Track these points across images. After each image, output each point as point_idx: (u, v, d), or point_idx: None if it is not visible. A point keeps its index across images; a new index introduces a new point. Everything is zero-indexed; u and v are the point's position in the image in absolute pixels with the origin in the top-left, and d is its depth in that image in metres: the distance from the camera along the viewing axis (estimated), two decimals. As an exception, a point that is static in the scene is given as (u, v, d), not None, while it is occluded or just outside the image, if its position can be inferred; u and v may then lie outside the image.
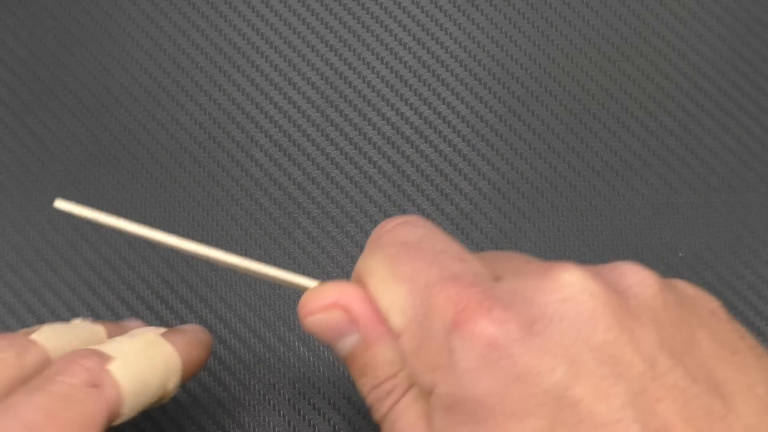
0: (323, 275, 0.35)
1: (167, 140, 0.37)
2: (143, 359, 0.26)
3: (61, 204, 0.25)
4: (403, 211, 0.36)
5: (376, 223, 0.36)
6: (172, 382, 0.27)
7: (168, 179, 0.37)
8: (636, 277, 0.22)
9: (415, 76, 0.38)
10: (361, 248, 0.28)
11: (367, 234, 0.36)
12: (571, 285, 0.21)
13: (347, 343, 0.24)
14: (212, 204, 0.36)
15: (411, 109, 0.38)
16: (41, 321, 0.35)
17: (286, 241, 0.36)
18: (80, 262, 0.35)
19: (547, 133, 0.37)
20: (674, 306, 0.22)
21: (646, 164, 0.37)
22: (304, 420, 0.33)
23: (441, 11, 0.39)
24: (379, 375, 0.23)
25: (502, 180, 0.37)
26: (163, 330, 0.28)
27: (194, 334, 0.29)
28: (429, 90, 0.38)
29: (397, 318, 0.23)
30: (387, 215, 0.36)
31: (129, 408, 0.25)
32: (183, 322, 0.35)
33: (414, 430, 0.23)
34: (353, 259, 0.35)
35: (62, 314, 0.35)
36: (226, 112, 0.37)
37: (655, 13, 0.39)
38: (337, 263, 0.35)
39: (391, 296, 0.23)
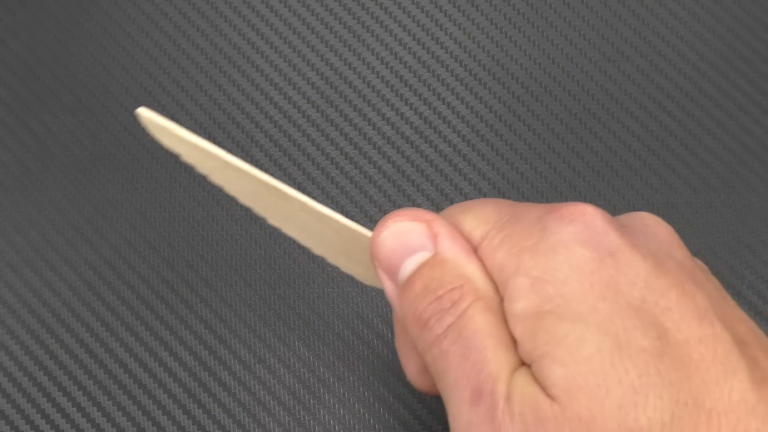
0: (324, 275, 0.35)
1: (167, 140, 0.37)
2: None
3: (145, 112, 0.24)
4: (403, 211, 0.36)
5: (375, 222, 0.36)
6: None
7: (168, 179, 0.37)
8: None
9: (415, 76, 0.38)
10: (361, 248, 0.28)
11: (367, 234, 0.36)
12: (650, 218, 0.24)
13: (415, 260, 0.24)
14: (212, 204, 0.36)
15: (411, 109, 0.38)
16: (41, 321, 0.35)
17: (287, 240, 0.36)
18: (80, 262, 0.35)
19: (547, 133, 0.37)
20: None
21: (646, 164, 0.37)
22: (304, 420, 0.33)
23: (441, 11, 0.39)
24: (445, 285, 0.23)
25: (502, 180, 0.37)
26: None
27: None
28: (429, 90, 0.38)
29: (481, 225, 0.24)
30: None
31: None
32: (183, 322, 0.35)
33: (484, 333, 0.22)
34: (353, 259, 0.35)
35: (62, 314, 0.35)
36: (226, 112, 0.37)
37: (655, 13, 0.39)
38: (337, 263, 0.36)
39: (478, 211, 0.24)
